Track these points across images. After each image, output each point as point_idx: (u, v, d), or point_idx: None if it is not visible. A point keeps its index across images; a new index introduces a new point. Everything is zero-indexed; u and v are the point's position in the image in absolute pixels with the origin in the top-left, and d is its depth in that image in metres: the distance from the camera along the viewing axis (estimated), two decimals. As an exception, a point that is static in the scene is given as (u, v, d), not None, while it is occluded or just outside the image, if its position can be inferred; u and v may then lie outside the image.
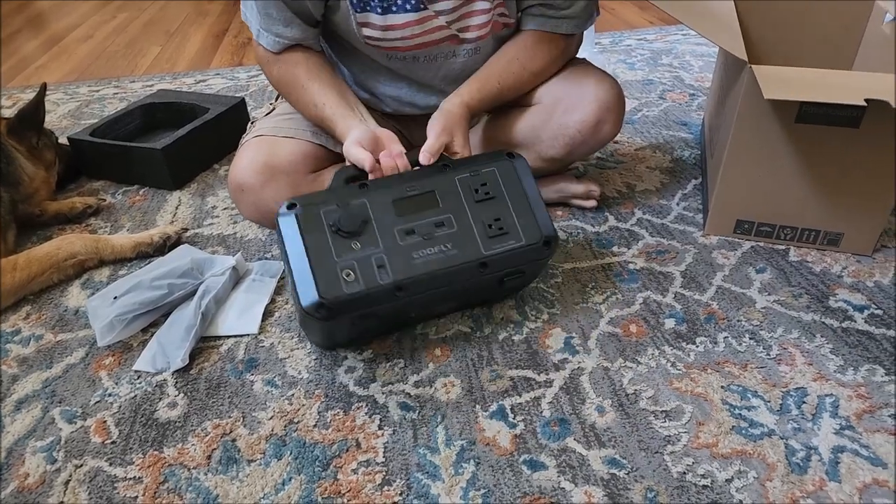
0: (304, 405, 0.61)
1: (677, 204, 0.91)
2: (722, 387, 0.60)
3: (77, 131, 1.07)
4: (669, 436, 0.56)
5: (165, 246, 0.85)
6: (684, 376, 0.62)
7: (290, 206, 0.59)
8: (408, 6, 0.68)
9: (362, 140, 0.67)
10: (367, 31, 0.71)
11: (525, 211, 0.63)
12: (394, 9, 0.68)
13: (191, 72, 1.59)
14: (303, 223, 0.58)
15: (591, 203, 0.89)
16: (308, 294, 0.56)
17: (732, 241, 0.82)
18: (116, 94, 1.45)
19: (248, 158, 0.74)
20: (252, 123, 0.83)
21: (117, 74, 1.61)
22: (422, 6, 0.68)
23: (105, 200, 0.99)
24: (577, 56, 0.84)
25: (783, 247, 0.81)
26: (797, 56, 0.95)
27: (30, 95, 0.98)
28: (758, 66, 0.70)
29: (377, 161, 0.64)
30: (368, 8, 0.69)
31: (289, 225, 0.58)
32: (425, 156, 0.65)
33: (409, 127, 0.86)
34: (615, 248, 0.82)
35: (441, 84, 0.79)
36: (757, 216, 0.81)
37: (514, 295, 0.73)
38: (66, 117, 1.33)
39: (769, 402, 0.59)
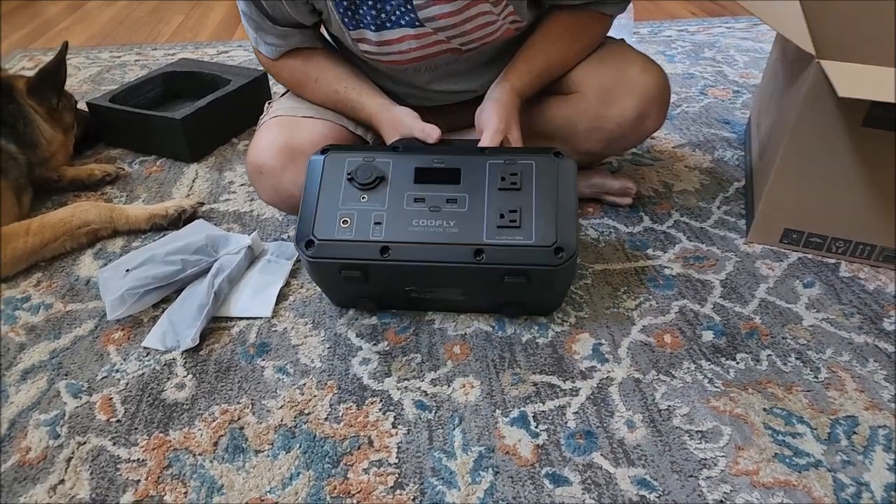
0: (315, 396, 0.58)
1: (718, 207, 0.85)
2: (764, 409, 0.56)
3: (96, 97, 1.05)
4: (705, 459, 0.52)
5: (180, 219, 0.83)
6: (723, 395, 0.57)
7: (324, 151, 0.63)
8: (403, 21, 0.63)
9: (415, 114, 0.66)
10: (363, 47, 0.67)
11: (548, 212, 0.58)
12: (388, 25, 0.64)
13: (213, 42, 1.56)
14: (326, 167, 0.61)
15: (627, 200, 0.84)
16: (304, 230, 0.59)
17: (777, 251, 0.77)
18: (138, 60, 1.43)
19: (268, 140, 0.70)
20: (268, 104, 0.79)
21: (139, 41, 1.59)
22: (418, 23, 0.63)
23: (123, 169, 0.97)
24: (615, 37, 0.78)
25: (833, 260, 0.75)
26: (864, 53, 0.87)
27: (49, 57, 0.94)
28: (828, 62, 0.64)
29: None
30: (362, 25, 0.64)
31: (315, 166, 0.62)
32: None
33: (435, 114, 0.82)
34: (650, 251, 0.77)
35: (449, 83, 0.75)
36: (807, 226, 0.75)
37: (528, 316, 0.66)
38: (86, 82, 1.31)
39: (816, 429, 0.54)
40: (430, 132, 0.64)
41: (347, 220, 0.59)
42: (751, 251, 0.77)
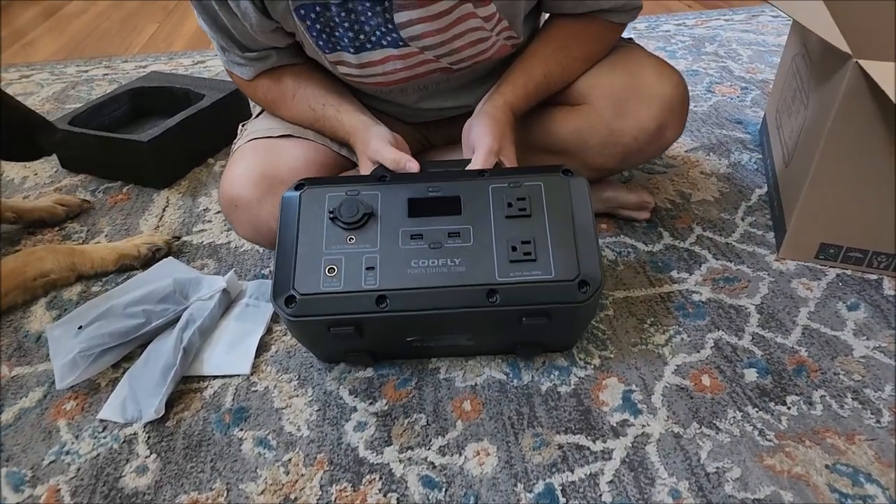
0: (303, 475, 0.49)
1: (742, 219, 0.78)
2: (826, 466, 0.48)
3: (56, 118, 0.95)
4: (768, 536, 0.44)
5: (154, 258, 0.73)
6: (777, 450, 0.50)
7: (299, 187, 0.55)
8: (384, 42, 0.56)
9: (390, 139, 0.58)
10: (343, 70, 0.60)
11: (566, 240, 0.51)
12: (368, 46, 0.57)
13: (188, 52, 1.46)
14: (303, 205, 0.53)
15: (645, 215, 0.77)
16: (282, 284, 0.50)
17: (813, 267, 0.70)
18: (107, 74, 1.33)
19: (242, 167, 0.62)
20: (242, 126, 0.71)
21: (109, 53, 1.49)
22: (402, 43, 0.56)
23: (88, 202, 0.87)
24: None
25: (875, 276, 0.68)
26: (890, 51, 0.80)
27: (12, 75, 0.81)
28: (868, 63, 0.57)
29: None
30: (339, 47, 0.57)
31: (290, 205, 0.54)
32: None
33: (429, 127, 0.74)
34: (674, 273, 0.69)
35: (439, 101, 0.67)
36: (846, 239, 0.68)
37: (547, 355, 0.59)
38: (49, 101, 1.21)
39: (887, 489, 0.47)
40: (405, 164, 0.55)
41: (334, 267, 0.50)
42: (784, 269, 0.70)
